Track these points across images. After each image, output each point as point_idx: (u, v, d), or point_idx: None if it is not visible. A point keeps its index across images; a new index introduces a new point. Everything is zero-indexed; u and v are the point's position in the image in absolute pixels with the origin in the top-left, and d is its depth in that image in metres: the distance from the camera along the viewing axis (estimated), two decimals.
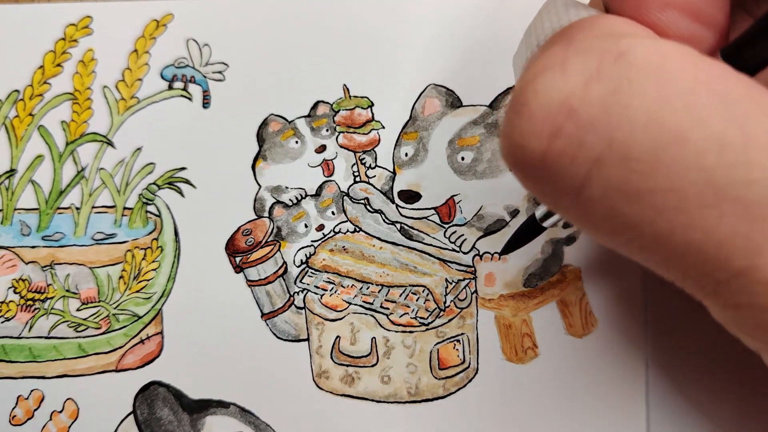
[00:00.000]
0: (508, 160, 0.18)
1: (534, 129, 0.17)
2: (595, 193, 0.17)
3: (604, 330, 0.31)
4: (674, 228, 0.16)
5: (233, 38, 0.33)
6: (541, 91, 0.17)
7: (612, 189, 0.16)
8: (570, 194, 0.17)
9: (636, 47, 0.16)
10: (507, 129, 0.18)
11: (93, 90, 0.33)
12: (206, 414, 0.31)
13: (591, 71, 0.16)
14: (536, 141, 0.17)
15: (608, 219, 0.17)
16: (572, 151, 0.16)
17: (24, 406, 0.32)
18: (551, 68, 0.17)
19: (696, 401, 0.30)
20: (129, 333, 0.32)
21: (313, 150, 0.33)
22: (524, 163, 0.18)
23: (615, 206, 0.17)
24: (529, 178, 0.18)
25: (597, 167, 0.16)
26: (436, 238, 0.32)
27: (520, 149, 0.17)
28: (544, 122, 0.17)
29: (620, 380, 0.31)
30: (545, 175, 0.17)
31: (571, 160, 0.17)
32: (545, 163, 0.17)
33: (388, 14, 0.33)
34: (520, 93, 0.17)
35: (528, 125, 0.17)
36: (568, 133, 0.16)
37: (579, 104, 0.16)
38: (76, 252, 0.32)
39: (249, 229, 0.32)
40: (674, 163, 0.15)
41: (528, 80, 0.17)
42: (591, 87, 0.16)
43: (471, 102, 0.32)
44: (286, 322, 0.32)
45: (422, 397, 0.31)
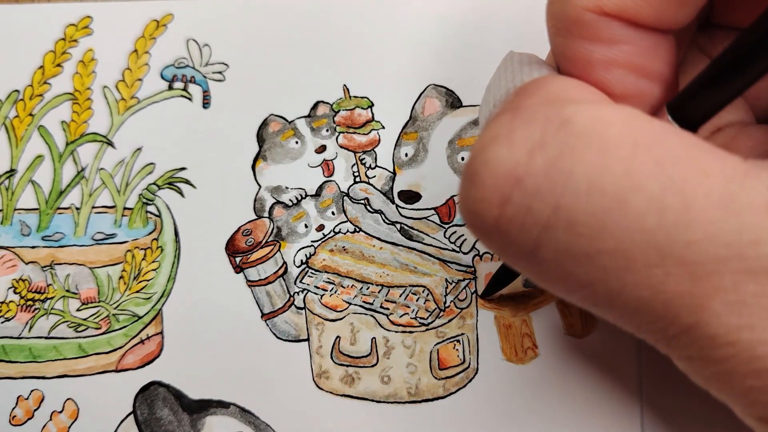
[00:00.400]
0: (467, 224, 0.19)
1: (485, 197, 0.17)
2: (546, 256, 0.17)
3: (604, 330, 0.31)
4: (624, 286, 0.16)
5: (233, 38, 0.33)
6: (490, 161, 0.17)
7: (561, 252, 0.17)
8: (524, 257, 0.18)
9: (578, 114, 0.17)
10: (462, 196, 0.18)
11: (93, 90, 0.33)
12: (206, 414, 0.31)
13: (535, 141, 0.17)
14: (488, 208, 0.18)
15: (562, 279, 0.18)
16: (521, 217, 0.17)
17: (24, 406, 0.32)
18: (498, 139, 0.17)
19: (690, 403, 0.30)
20: (129, 333, 0.32)
21: (313, 150, 0.33)
22: (480, 227, 0.18)
23: (566, 267, 0.17)
24: (486, 241, 0.19)
25: (546, 232, 0.17)
26: (436, 238, 0.32)
27: (475, 215, 0.18)
28: (493, 191, 0.17)
29: (620, 380, 0.31)
30: (499, 239, 0.18)
31: (521, 226, 0.17)
32: (498, 228, 0.18)
33: (388, 14, 0.33)
34: (472, 162, 0.18)
35: (480, 193, 0.18)
36: (516, 202, 0.17)
37: (524, 173, 0.17)
38: (76, 252, 0.32)
39: (249, 230, 0.32)
40: (617, 226, 0.16)
41: (478, 150, 0.18)
42: (535, 156, 0.17)
43: (471, 102, 0.32)
44: (286, 323, 0.32)
45: (422, 397, 0.31)
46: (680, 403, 0.30)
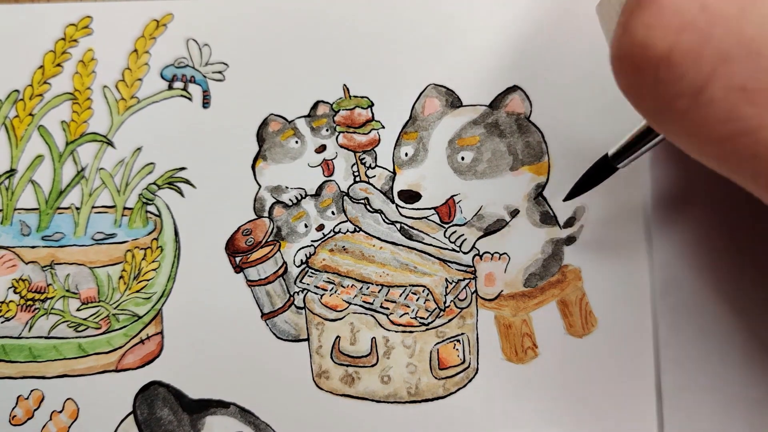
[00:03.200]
0: (624, 63, 0.18)
1: (662, 22, 0.16)
2: (716, 94, 0.16)
3: (604, 330, 0.31)
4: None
5: (233, 38, 0.33)
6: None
7: (736, 88, 0.16)
8: (689, 95, 0.17)
9: None
10: (630, 25, 0.17)
11: (93, 90, 0.33)
12: (206, 414, 0.31)
13: None
14: (663, 35, 0.17)
15: (725, 123, 0.17)
16: (700, 45, 0.16)
17: (24, 406, 0.32)
18: None
19: (709, 400, 0.30)
20: (129, 333, 0.32)
21: (313, 150, 0.33)
22: (645, 60, 0.17)
23: (736, 108, 0.16)
24: (646, 81, 0.17)
25: (724, 64, 0.16)
26: (436, 238, 0.32)
27: (643, 45, 0.17)
28: (673, 15, 0.16)
29: (620, 380, 0.31)
30: (666, 75, 0.17)
31: (697, 56, 0.16)
32: (670, 60, 0.17)
33: (388, 14, 0.33)
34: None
35: (656, 18, 0.17)
36: (698, 27, 0.16)
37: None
38: (76, 252, 0.32)
39: (249, 229, 0.32)
40: None
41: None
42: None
43: (471, 102, 0.32)
44: (286, 322, 0.32)
45: (422, 397, 0.31)
46: (701, 400, 0.30)
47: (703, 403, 0.30)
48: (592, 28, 0.32)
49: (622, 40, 0.18)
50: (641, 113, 0.19)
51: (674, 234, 0.31)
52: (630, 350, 0.31)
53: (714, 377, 0.30)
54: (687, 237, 0.31)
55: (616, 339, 0.31)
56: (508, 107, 0.32)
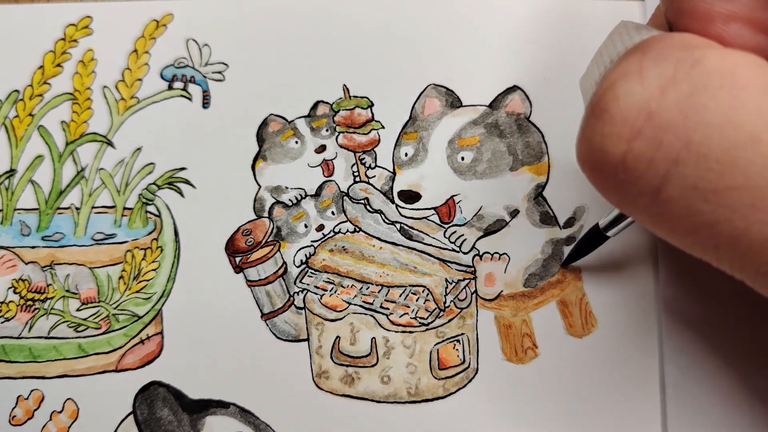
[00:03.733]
0: (586, 165, 0.19)
1: (614, 132, 0.18)
2: (673, 193, 0.18)
3: (604, 330, 0.31)
4: (750, 225, 0.17)
5: (233, 38, 0.33)
6: (621, 96, 0.18)
7: (689, 188, 0.17)
8: (648, 195, 0.18)
9: (709, 56, 0.17)
10: (587, 133, 0.19)
11: (93, 90, 0.33)
12: (206, 414, 0.31)
13: (667, 77, 0.17)
14: (616, 143, 0.18)
15: (685, 218, 0.18)
16: (651, 152, 0.17)
17: (24, 406, 0.32)
18: (629, 75, 0.18)
19: (712, 399, 0.30)
20: (129, 333, 0.32)
21: (312, 150, 0.33)
22: (603, 166, 0.18)
23: (692, 205, 0.17)
24: (608, 181, 0.19)
25: (675, 167, 0.17)
26: (436, 238, 0.32)
27: (600, 152, 0.18)
28: (623, 125, 0.18)
29: (620, 380, 0.31)
30: (624, 177, 0.18)
31: (650, 162, 0.17)
32: (625, 165, 0.18)
33: (388, 14, 0.33)
34: (600, 99, 0.18)
35: (609, 128, 0.18)
36: (647, 135, 0.17)
37: (657, 108, 0.17)
38: (76, 252, 0.32)
39: (249, 229, 0.32)
40: (749, 162, 0.16)
41: (607, 87, 0.18)
42: (668, 92, 0.17)
43: (471, 102, 0.32)
44: (286, 322, 0.32)
45: (422, 397, 0.31)
46: (705, 401, 0.30)
47: (706, 401, 0.30)
48: (592, 28, 0.32)
49: (582, 145, 0.19)
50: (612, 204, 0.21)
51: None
52: (630, 350, 0.31)
53: (717, 376, 0.30)
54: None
55: (616, 339, 0.31)
56: (508, 107, 0.32)
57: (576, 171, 0.31)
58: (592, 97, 0.19)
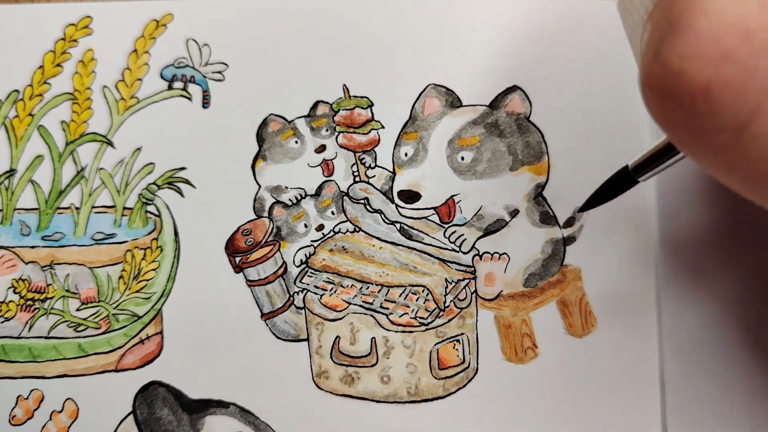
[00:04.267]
0: (656, 92, 0.16)
1: (700, 52, 0.15)
2: (761, 130, 0.15)
3: (604, 330, 0.31)
4: None
5: (233, 38, 0.33)
6: (712, 10, 0.15)
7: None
8: (729, 131, 0.15)
9: None
10: (662, 52, 0.16)
11: (93, 90, 0.33)
12: (206, 414, 0.31)
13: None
14: (701, 67, 0.15)
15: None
16: (743, 79, 0.15)
17: (24, 406, 0.32)
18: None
19: (711, 398, 0.30)
20: (129, 333, 0.32)
21: (312, 150, 0.33)
22: (679, 93, 0.16)
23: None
24: (681, 112, 0.16)
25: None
26: (435, 238, 0.32)
27: (678, 76, 0.15)
28: (713, 44, 0.15)
29: (620, 380, 0.31)
30: (704, 108, 0.15)
31: (739, 90, 0.15)
32: (708, 92, 0.15)
33: (387, 14, 0.33)
34: (684, 13, 0.15)
35: (693, 48, 0.15)
36: (740, 58, 0.15)
37: (756, 26, 0.15)
38: (76, 252, 0.32)
39: (249, 229, 0.32)
40: None
41: (691, 0, 0.15)
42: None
43: (471, 102, 0.32)
44: (285, 322, 0.32)
45: (422, 397, 0.31)
46: (704, 400, 0.30)
47: (705, 400, 0.30)
48: (592, 28, 0.32)
49: (654, 68, 0.16)
50: (675, 143, 0.18)
51: (675, 232, 0.31)
52: (630, 350, 0.31)
53: (716, 376, 0.30)
54: (689, 234, 0.31)
55: (616, 339, 0.31)
56: (508, 107, 0.32)
57: (576, 171, 0.31)
58: (668, 9, 0.16)
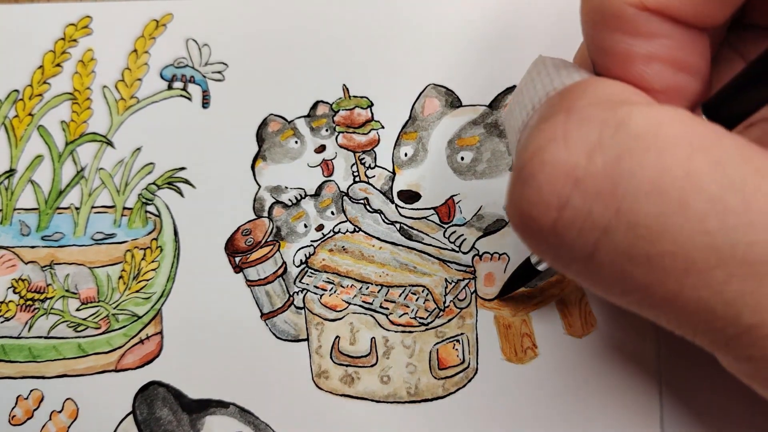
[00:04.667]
0: (518, 229, 0.19)
1: (542, 200, 0.17)
2: (604, 259, 0.17)
3: (604, 330, 0.31)
4: (683, 288, 0.16)
5: (233, 38, 0.33)
6: (547, 163, 0.17)
7: (620, 255, 0.17)
8: (580, 261, 0.18)
9: (633, 116, 0.17)
10: (515, 199, 0.18)
11: (93, 90, 0.33)
12: (206, 414, 0.31)
13: (593, 142, 0.17)
14: (545, 212, 0.17)
15: (618, 282, 0.18)
16: (580, 221, 0.17)
17: (23, 406, 0.32)
18: (554, 140, 0.17)
19: (711, 398, 0.30)
20: (129, 333, 0.32)
21: (312, 150, 0.33)
22: (534, 232, 0.18)
23: (624, 270, 0.17)
24: (540, 246, 0.18)
25: (605, 235, 0.17)
26: (435, 238, 0.32)
27: (530, 219, 0.18)
28: (551, 193, 0.17)
29: (619, 380, 0.31)
30: (555, 243, 0.18)
31: (579, 230, 0.17)
32: (555, 232, 0.17)
33: (387, 14, 0.33)
34: (527, 164, 0.18)
35: (537, 196, 0.17)
36: (575, 205, 0.17)
37: (584, 175, 0.17)
38: (75, 252, 0.32)
39: (248, 229, 0.32)
40: (679, 228, 0.16)
41: (533, 152, 0.18)
42: (594, 158, 0.17)
43: (471, 102, 0.32)
44: (285, 322, 0.32)
45: (422, 397, 0.31)
46: (702, 402, 0.30)
47: (704, 401, 0.30)
48: None
49: (511, 210, 0.19)
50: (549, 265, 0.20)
51: None
52: (630, 350, 0.31)
53: (715, 377, 0.30)
54: None
55: (616, 339, 0.31)
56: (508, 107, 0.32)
57: None
58: (517, 160, 0.19)
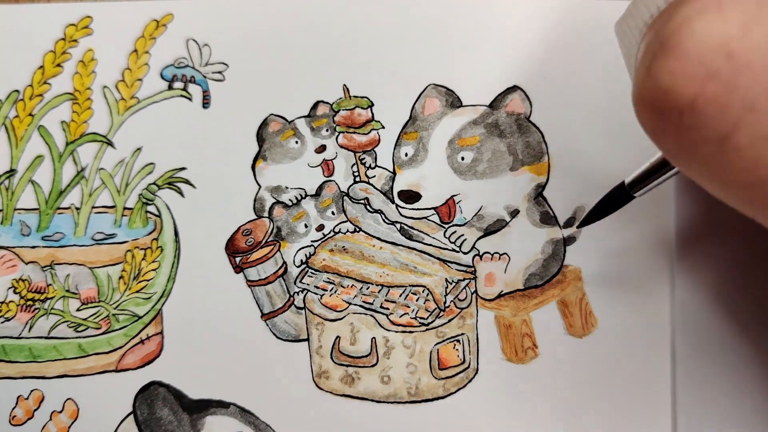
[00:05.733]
0: (647, 107, 0.18)
1: (687, 71, 0.16)
2: (742, 141, 0.16)
3: (604, 330, 0.31)
4: None
5: (233, 38, 0.33)
6: (698, 32, 0.16)
7: (762, 138, 0.16)
8: (714, 142, 0.17)
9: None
10: (654, 71, 0.17)
11: (93, 90, 0.33)
12: (206, 414, 0.31)
13: (751, 14, 0.16)
14: (688, 83, 0.17)
15: (751, 170, 0.17)
16: (726, 95, 0.16)
17: (24, 406, 0.32)
18: (707, 10, 0.16)
19: (716, 394, 0.30)
20: (129, 333, 0.32)
21: (312, 150, 0.33)
22: (669, 108, 0.17)
23: (762, 156, 0.16)
24: (670, 125, 0.18)
25: (750, 113, 0.16)
26: (436, 238, 0.32)
27: (667, 93, 0.17)
28: (699, 64, 0.16)
29: (620, 380, 0.31)
30: (691, 121, 0.17)
31: (723, 105, 0.16)
32: (694, 107, 0.17)
33: (388, 14, 0.33)
34: (674, 34, 0.17)
35: (681, 67, 0.17)
36: (724, 77, 0.16)
37: (738, 47, 0.16)
38: (76, 252, 0.32)
39: (249, 229, 0.32)
40: None
41: (681, 22, 0.17)
42: (751, 30, 0.16)
43: (471, 102, 0.32)
44: (286, 322, 0.32)
45: (422, 397, 0.31)
46: (717, 399, 0.30)
47: (711, 398, 0.30)
48: (592, 28, 0.32)
49: (646, 84, 0.18)
50: (664, 154, 0.19)
51: (681, 232, 0.31)
52: (630, 350, 0.31)
53: (715, 376, 0.30)
54: (691, 234, 0.31)
55: (616, 339, 0.31)
56: (508, 107, 0.32)
57: (576, 171, 0.31)
58: (659, 32, 0.18)
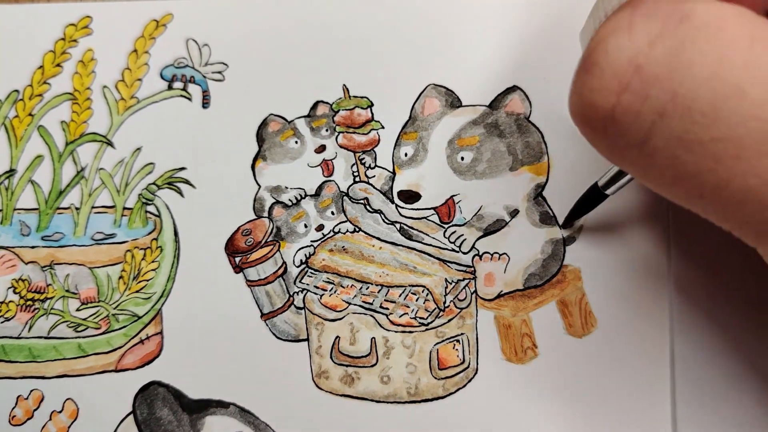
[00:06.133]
0: (577, 118, 0.20)
1: (603, 85, 0.19)
2: (658, 144, 0.18)
3: (604, 330, 0.31)
4: (733, 176, 0.18)
5: (233, 38, 0.33)
6: (611, 50, 0.18)
7: (674, 139, 0.18)
8: (635, 146, 0.19)
9: (697, 10, 0.18)
10: (578, 87, 0.20)
11: (93, 90, 0.33)
12: (206, 414, 0.31)
13: (655, 32, 0.18)
14: (605, 96, 0.19)
15: (670, 169, 0.19)
16: (638, 104, 0.18)
17: (24, 406, 0.32)
18: (619, 30, 0.19)
19: (717, 395, 0.30)
20: (129, 333, 0.32)
21: (312, 150, 0.33)
22: (593, 118, 0.19)
23: (677, 156, 0.18)
24: (598, 134, 0.20)
25: (661, 119, 0.18)
26: (435, 238, 0.32)
27: (590, 105, 0.19)
28: (612, 79, 0.18)
29: (620, 380, 0.31)
30: (613, 129, 0.19)
31: (637, 114, 0.18)
32: (613, 117, 0.19)
33: (388, 14, 0.33)
34: (591, 53, 0.19)
35: (598, 82, 0.19)
36: (634, 88, 0.18)
37: (645, 61, 0.18)
38: (75, 252, 0.32)
39: (248, 229, 0.32)
40: (733, 114, 0.17)
41: (598, 41, 0.19)
42: (656, 46, 0.18)
43: (471, 102, 0.32)
44: (285, 322, 0.32)
45: (422, 397, 0.31)
46: (715, 398, 0.30)
47: (710, 398, 0.30)
48: None
49: (572, 99, 0.20)
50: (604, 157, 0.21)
51: (676, 231, 0.31)
52: (630, 350, 0.31)
53: (715, 376, 0.30)
54: (690, 234, 0.31)
55: (616, 339, 0.31)
56: (508, 107, 0.32)
57: (576, 171, 0.31)
58: (584, 51, 0.20)
